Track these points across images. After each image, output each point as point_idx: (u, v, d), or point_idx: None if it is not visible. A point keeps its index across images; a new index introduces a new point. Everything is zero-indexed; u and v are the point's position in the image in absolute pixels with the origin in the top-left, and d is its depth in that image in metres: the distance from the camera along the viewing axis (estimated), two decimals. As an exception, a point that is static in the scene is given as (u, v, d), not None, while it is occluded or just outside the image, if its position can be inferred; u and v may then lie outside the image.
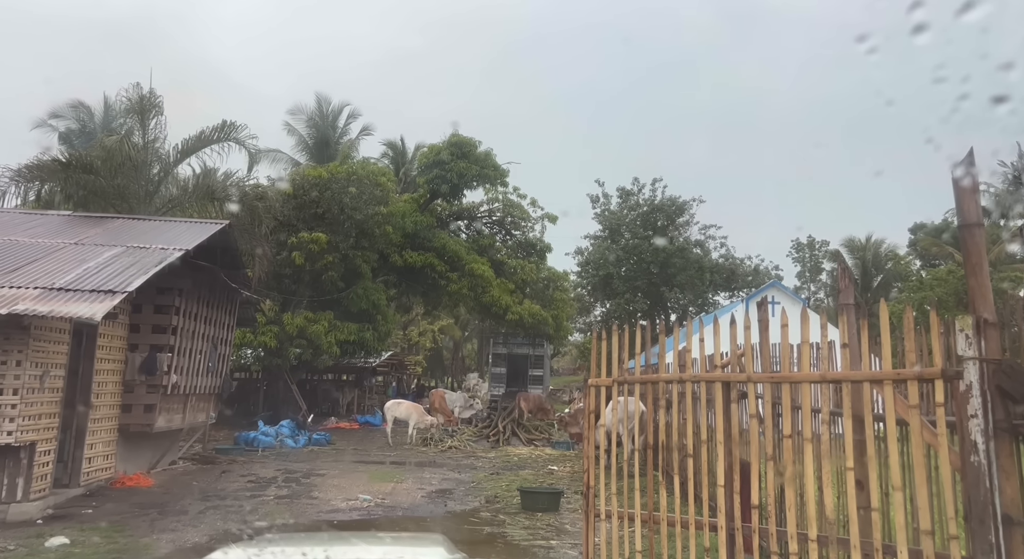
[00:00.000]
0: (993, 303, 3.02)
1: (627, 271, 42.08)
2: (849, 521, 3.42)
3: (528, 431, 20.02)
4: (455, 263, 24.01)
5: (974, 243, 3.09)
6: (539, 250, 27.39)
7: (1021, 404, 2.85)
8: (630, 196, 44.57)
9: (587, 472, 4.85)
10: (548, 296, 26.60)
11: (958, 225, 3.24)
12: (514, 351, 28.24)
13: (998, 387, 2.88)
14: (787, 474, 3.63)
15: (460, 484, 11.40)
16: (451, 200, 26.02)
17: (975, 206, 3.11)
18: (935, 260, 45.85)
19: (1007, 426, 2.88)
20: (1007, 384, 2.87)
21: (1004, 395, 2.88)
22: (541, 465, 14.10)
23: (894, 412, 3.28)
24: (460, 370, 51.79)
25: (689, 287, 41.53)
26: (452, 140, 24.78)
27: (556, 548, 7.25)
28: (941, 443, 3.08)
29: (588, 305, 46.93)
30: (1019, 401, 2.86)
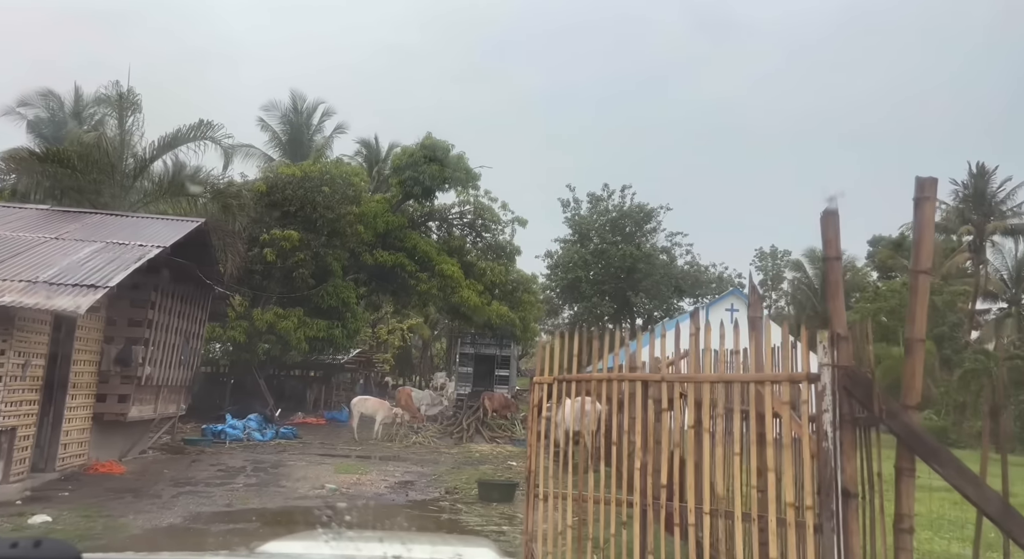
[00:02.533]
0: (846, 322, 3.75)
1: (595, 275, 42.93)
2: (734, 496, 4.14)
3: (491, 429, 20.67)
4: (425, 263, 24.55)
5: (833, 273, 3.83)
6: (508, 253, 28.01)
7: (861, 404, 3.58)
8: (600, 201, 45.50)
9: (530, 459, 5.51)
10: (516, 298, 27.22)
11: (823, 257, 3.96)
12: (481, 351, 28.80)
13: (844, 388, 3.61)
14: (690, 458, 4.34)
15: (422, 477, 12.01)
16: (423, 201, 26.53)
17: (836, 241, 3.85)
18: (891, 272, 47.53)
19: (850, 418, 3.61)
20: (851, 386, 3.60)
21: (849, 394, 3.61)
22: (501, 461, 14.77)
23: (771, 407, 4.00)
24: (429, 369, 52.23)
25: (654, 292, 42.48)
26: (425, 143, 25.31)
27: (507, 533, 7.90)
28: (804, 432, 3.81)
29: (557, 307, 47.77)
30: (859, 399, 3.59)
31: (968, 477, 3.42)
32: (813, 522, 3.65)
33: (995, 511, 3.39)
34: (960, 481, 3.41)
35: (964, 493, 3.43)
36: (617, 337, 5.92)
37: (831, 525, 3.53)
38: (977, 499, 3.41)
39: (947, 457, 3.48)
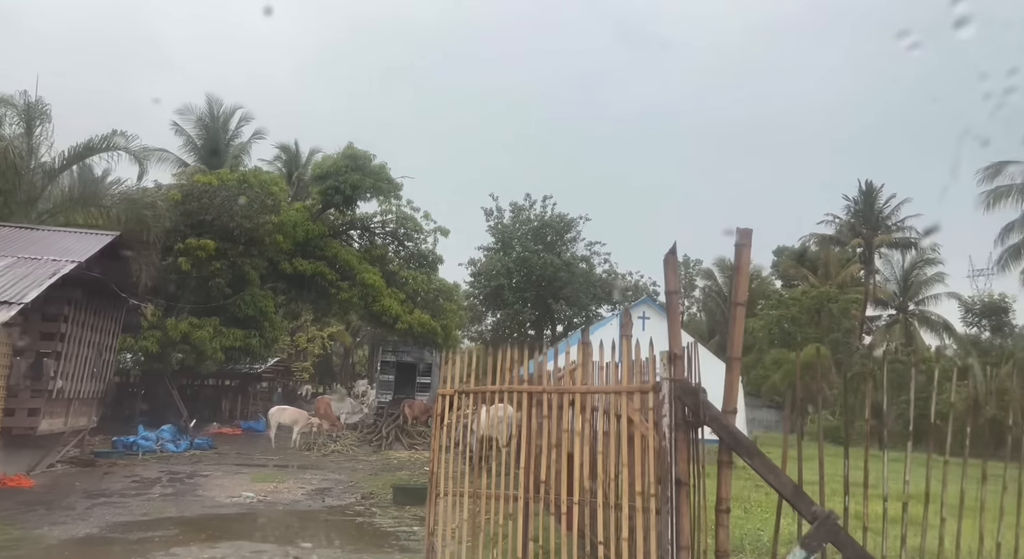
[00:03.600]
0: (682, 343, 4.62)
1: (518, 283, 43.87)
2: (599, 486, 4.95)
3: (411, 436, 21.14)
4: (346, 272, 24.77)
5: (672, 306, 4.71)
6: (431, 262, 28.50)
7: (691, 410, 4.45)
8: (522, 211, 46.59)
9: (433, 463, 6.19)
10: (438, 306, 27.72)
11: (665, 291, 4.84)
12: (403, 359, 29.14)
13: (678, 397, 4.47)
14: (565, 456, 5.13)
15: (339, 483, 12.44)
16: (344, 210, 26.72)
17: (675, 278, 4.72)
18: (793, 281, 50.63)
19: (682, 422, 4.47)
20: (683, 395, 4.47)
21: (682, 402, 4.48)
22: (419, 466, 15.31)
23: (626, 413, 4.84)
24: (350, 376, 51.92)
25: (574, 300, 43.75)
26: (347, 152, 25.56)
27: (417, 532, 8.51)
28: (650, 433, 4.65)
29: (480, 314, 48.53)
30: (689, 406, 4.46)
31: (769, 467, 4.33)
32: (655, 506, 4.49)
33: (788, 493, 4.31)
34: (763, 470, 4.31)
35: (766, 479, 4.34)
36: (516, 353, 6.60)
37: (667, 508, 4.37)
38: (775, 484, 4.32)
39: (754, 451, 4.38)
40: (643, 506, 4.59)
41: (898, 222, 44.74)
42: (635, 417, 4.79)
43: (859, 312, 44.61)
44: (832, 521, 4.20)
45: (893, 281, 48.07)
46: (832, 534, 4.19)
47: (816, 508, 4.26)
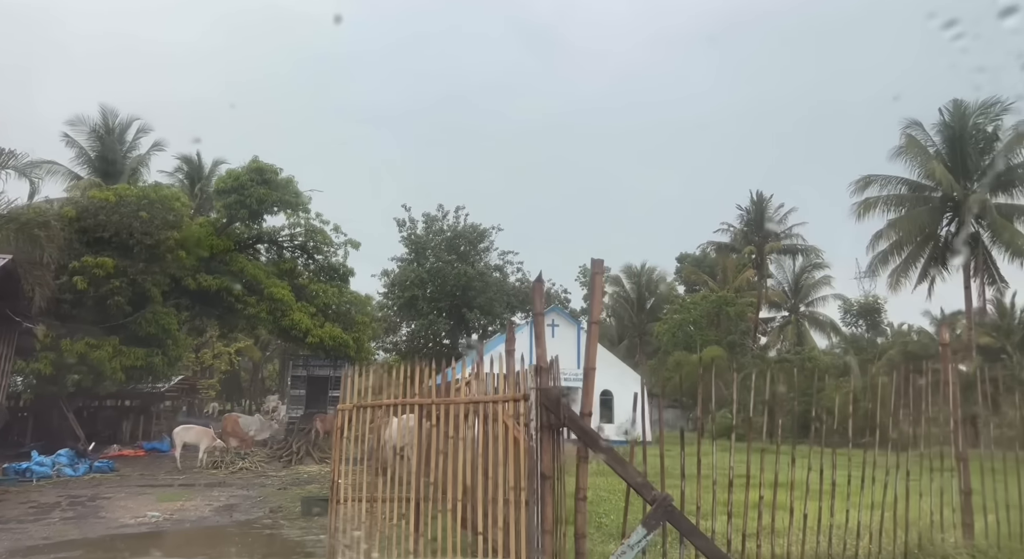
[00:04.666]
0: (547, 358, 5.39)
1: (432, 293, 44.24)
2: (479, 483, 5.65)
3: (323, 451, 21.18)
4: (254, 287, 24.51)
5: (539, 325, 5.48)
6: (342, 274, 28.51)
7: (553, 414, 5.22)
8: (435, 221, 47.07)
9: (334, 472, 6.72)
10: (350, 319, 27.79)
11: (533, 313, 5.61)
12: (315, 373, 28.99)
13: (543, 404, 5.24)
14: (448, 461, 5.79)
15: (247, 499, 12.61)
16: (251, 224, 26.42)
17: (541, 301, 5.50)
18: (695, 286, 53.34)
19: (547, 425, 5.24)
20: (547, 402, 5.24)
21: (546, 409, 5.24)
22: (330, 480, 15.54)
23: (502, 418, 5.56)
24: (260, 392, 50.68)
25: (488, 309, 44.46)
26: (252, 166, 25.32)
27: (323, 540, 8.93)
28: (521, 435, 5.39)
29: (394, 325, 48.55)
30: (553, 412, 5.23)
31: (618, 460, 5.15)
32: (525, 498, 5.22)
33: (634, 482, 5.15)
34: (613, 463, 5.12)
35: (616, 470, 5.16)
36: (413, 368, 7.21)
37: (534, 499, 5.11)
38: (623, 475, 5.14)
39: (605, 447, 5.19)
40: (515, 498, 5.32)
41: (786, 230, 48.20)
42: (509, 422, 5.52)
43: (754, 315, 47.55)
44: (668, 503, 5.05)
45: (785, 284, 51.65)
46: (668, 514, 5.04)
47: (656, 493, 5.11)
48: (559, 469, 5.41)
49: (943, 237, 32.18)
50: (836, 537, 6.00)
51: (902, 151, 31.80)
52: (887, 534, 6.07)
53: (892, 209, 32.01)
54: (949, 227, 31.97)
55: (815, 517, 6.02)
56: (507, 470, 5.41)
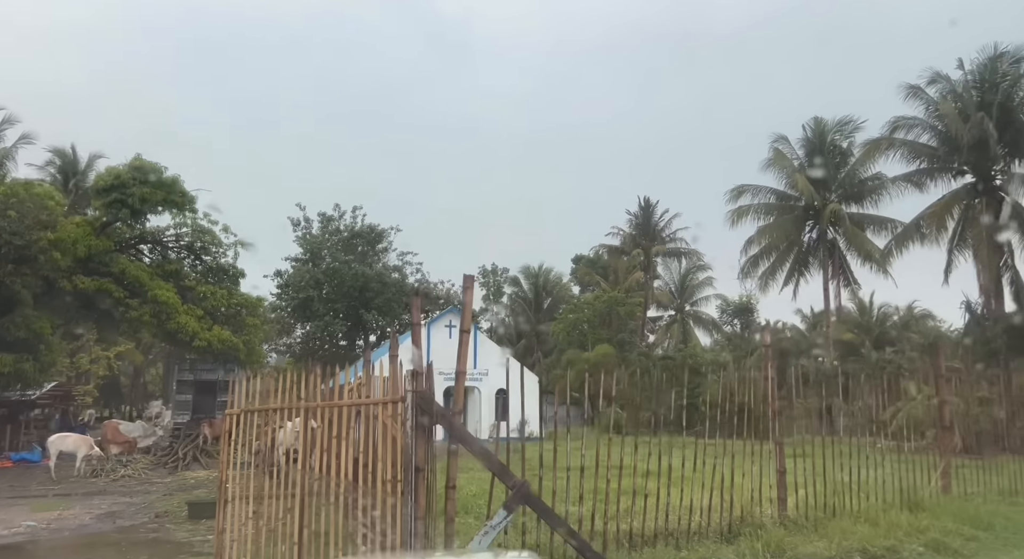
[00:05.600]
0: (422, 362, 6.04)
1: (328, 294, 43.70)
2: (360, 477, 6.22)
3: (211, 456, 20.80)
4: (136, 289, 23.58)
5: (416, 335, 6.11)
6: (231, 275, 27.82)
7: (426, 415, 5.88)
8: (331, 221, 46.50)
9: (222, 473, 7.07)
10: (241, 321, 27.20)
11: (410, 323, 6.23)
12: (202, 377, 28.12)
13: (418, 405, 5.88)
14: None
15: (131, 506, 12.46)
16: (133, 224, 25.37)
17: (418, 312, 6.14)
18: (589, 286, 55.43)
19: (421, 424, 5.89)
20: (422, 403, 5.89)
21: (420, 410, 5.89)
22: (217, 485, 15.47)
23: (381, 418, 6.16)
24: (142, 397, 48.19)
25: (387, 310, 44.37)
26: (135, 164, 24.35)
27: (211, 541, 9.16)
28: (399, 432, 6.00)
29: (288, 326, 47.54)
30: (426, 411, 5.89)
31: (483, 452, 5.89)
32: (401, 489, 5.84)
33: (496, 470, 5.90)
34: (478, 455, 5.85)
35: (481, 461, 5.89)
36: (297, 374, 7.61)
37: (409, 489, 5.74)
38: (487, 464, 5.88)
39: (472, 440, 5.91)
40: (392, 489, 5.93)
41: (671, 234, 51.11)
42: (388, 422, 6.12)
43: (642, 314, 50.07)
44: (526, 489, 5.83)
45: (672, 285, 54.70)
46: (525, 498, 5.82)
47: (515, 480, 5.87)
48: (432, 462, 6.06)
49: (806, 243, 35.36)
50: (674, 515, 7.00)
51: (771, 163, 34.72)
52: (715, 510, 7.13)
53: (762, 217, 34.87)
54: (811, 234, 35.19)
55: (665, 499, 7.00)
56: (385, 465, 6.00)
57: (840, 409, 17.47)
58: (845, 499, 8.15)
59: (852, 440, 9.86)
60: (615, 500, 6.71)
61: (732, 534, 6.99)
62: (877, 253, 31.18)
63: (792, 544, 6.56)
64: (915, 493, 8.71)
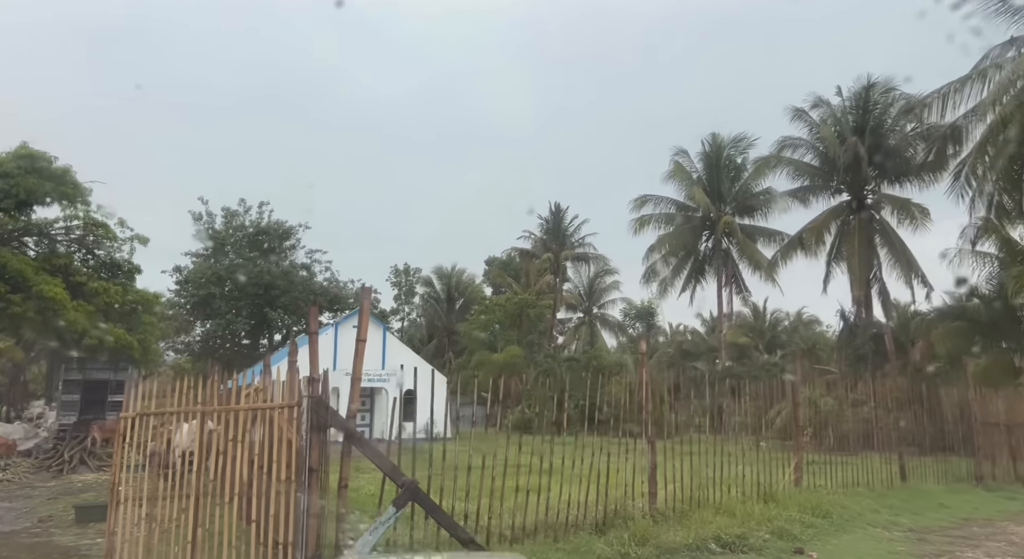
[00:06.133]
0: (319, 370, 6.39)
1: (231, 291, 42.38)
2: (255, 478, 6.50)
3: (100, 459, 20.00)
4: (19, 284, 22.35)
5: (313, 344, 6.45)
6: (127, 271, 26.82)
7: (322, 417, 6.24)
8: (235, 216, 45.10)
9: (114, 475, 7.14)
10: (136, 319, 26.23)
11: (308, 332, 6.57)
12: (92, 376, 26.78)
13: (314, 409, 6.23)
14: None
15: (11, 511, 11.98)
16: (17, 215, 24.01)
17: (315, 322, 6.48)
18: (501, 288, 56.21)
19: (317, 426, 6.24)
20: (317, 407, 6.24)
21: (316, 413, 6.24)
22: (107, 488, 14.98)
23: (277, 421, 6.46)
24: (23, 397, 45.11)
25: (294, 308, 43.46)
26: (20, 152, 23.10)
27: (100, 544, 9.07)
28: (295, 434, 6.33)
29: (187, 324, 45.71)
30: (321, 415, 6.25)
31: (375, 453, 6.31)
32: (295, 489, 6.17)
33: (387, 470, 6.33)
34: (371, 455, 6.27)
35: (372, 461, 6.31)
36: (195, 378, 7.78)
37: (303, 489, 6.08)
38: (378, 464, 6.30)
39: (364, 442, 6.32)
40: (286, 489, 6.25)
41: (580, 239, 52.68)
42: (284, 425, 6.43)
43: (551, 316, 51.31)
44: (414, 487, 6.29)
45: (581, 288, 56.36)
46: (414, 495, 6.28)
47: (405, 479, 6.33)
48: (326, 463, 6.42)
49: (702, 252, 37.45)
50: (553, 510, 7.63)
51: (672, 175, 36.57)
52: (591, 504, 7.83)
53: (662, 226, 36.68)
54: (707, 243, 37.29)
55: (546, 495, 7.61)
56: (280, 466, 6.31)
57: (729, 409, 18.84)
58: (709, 492, 9.06)
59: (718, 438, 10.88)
60: (500, 497, 7.27)
61: (606, 526, 7.69)
62: (765, 262, 33.45)
63: (656, 534, 7.31)
64: (771, 486, 9.76)
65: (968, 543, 8.03)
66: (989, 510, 10.43)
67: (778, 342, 50.51)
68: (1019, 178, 21.36)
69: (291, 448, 6.33)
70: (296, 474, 6.17)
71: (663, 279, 37.02)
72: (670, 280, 37.13)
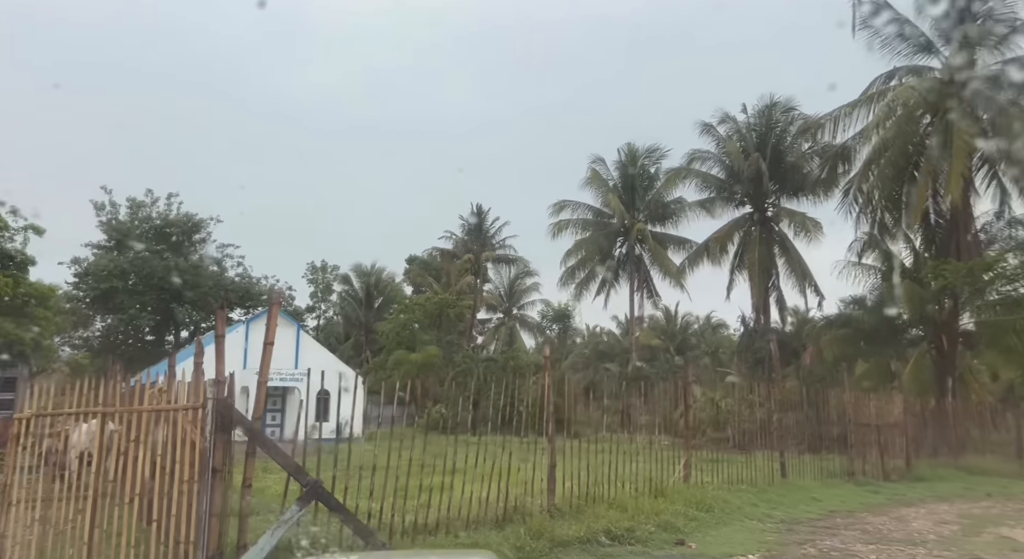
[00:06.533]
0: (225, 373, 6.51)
1: (135, 285, 40.63)
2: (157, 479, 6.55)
3: (-15, 461, 18.91)
4: None
5: (220, 348, 6.57)
6: (19, 263, 25.39)
7: (227, 418, 6.38)
8: (142, 208, 43.28)
9: (8, 476, 7.00)
10: (29, 313, 24.87)
11: (215, 336, 6.68)
12: (-25, 373, 25.25)
13: (218, 411, 6.36)
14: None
15: None
16: None
17: (223, 325, 6.60)
18: (421, 287, 56.09)
19: (222, 428, 6.37)
20: (222, 409, 6.37)
21: (220, 415, 6.37)
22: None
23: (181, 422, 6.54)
24: None
25: (203, 304, 42.10)
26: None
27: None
28: (199, 435, 6.43)
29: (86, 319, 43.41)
30: (226, 417, 6.38)
31: (279, 453, 6.50)
32: (198, 489, 6.28)
33: (291, 469, 6.53)
34: (274, 455, 6.45)
35: (276, 460, 6.49)
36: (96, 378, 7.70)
37: (206, 489, 6.20)
38: (282, 464, 6.49)
39: (269, 442, 6.50)
40: (188, 490, 6.35)
41: (501, 241, 53.33)
42: (188, 426, 6.52)
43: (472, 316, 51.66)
44: (318, 486, 6.51)
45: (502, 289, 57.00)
46: (317, 494, 6.51)
47: (309, 478, 6.54)
48: (230, 463, 6.55)
49: (616, 257, 38.73)
50: (455, 507, 7.99)
51: (589, 182, 37.69)
52: (492, 501, 8.24)
53: (579, 231, 37.75)
54: (621, 249, 38.61)
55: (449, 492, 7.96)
56: (183, 467, 6.40)
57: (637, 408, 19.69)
58: (605, 489, 9.64)
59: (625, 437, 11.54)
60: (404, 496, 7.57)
61: (505, 521, 8.12)
62: (675, 269, 34.99)
63: (551, 528, 7.78)
64: (662, 483, 10.46)
65: (828, 532, 8.93)
66: (854, 503, 11.53)
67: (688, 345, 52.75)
68: (899, 198, 23.37)
69: (195, 449, 6.43)
70: (199, 474, 6.28)
71: (579, 282, 38.07)
72: (585, 283, 38.23)
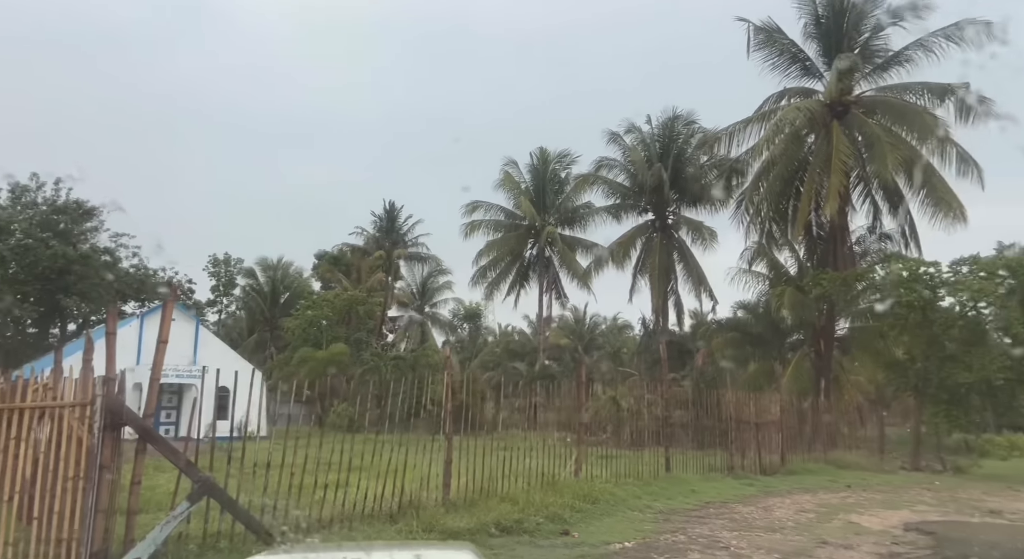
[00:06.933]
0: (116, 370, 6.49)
1: (15, 274, 38.09)
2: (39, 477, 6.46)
3: None
4: None
5: (111, 346, 6.55)
6: None
7: (116, 416, 6.37)
8: (26, 192, 40.60)
9: None
10: None
11: (105, 333, 6.65)
12: None
13: (108, 408, 6.34)
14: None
15: None
16: None
17: (114, 322, 6.58)
18: (331, 283, 55.06)
19: (111, 425, 6.35)
20: (112, 406, 6.36)
21: (111, 412, 6.36)
22: None
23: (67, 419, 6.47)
24: None
25: (93, 296, 39.98)
26: None
27: None
28: (86, 433, 6.39)
29: (-42, 309, 40.21)
30: (116, 415, 6.37)
31: (170, 450, 6.55)
32: (83, 486, 6.24)
33: (182, 466, 6.60)
34: (165, 452, 6.50)
35: (167, 458, 6.54)
36: None
37: (92, 486, 6.18)
38: (173, 460, 6.54)
39: (160, 440, 6.54)
40: (73, 487, 6.30)
41: (413, 238, 53.18)
42: (74, 423, 6.46)
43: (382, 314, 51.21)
44: (210, 482, 6.60)
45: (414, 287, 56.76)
46: (209, 489, 6.59)
47: (201, 474, 6.62)
48: (119, 461, 6.53)
49: (527, 259, 39.55)
50: (350, 502, 8.22)
51: (502, 183, 38.32)
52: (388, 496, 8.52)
53: (492, 232, 38.32)
54: (531, 251, 39.46)
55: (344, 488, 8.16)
56: (68, 464, 6.34)
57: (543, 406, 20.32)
58: (499, 483, 10.09)
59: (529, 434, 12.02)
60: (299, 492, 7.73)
61: (399, 516, 8.41)
62: (582, 271, 36.12)
63: (443, 520, 8.14)
64: (554, 477, 11.02)
65: (700, 520, 9.73)
66: (728, 494, 12.50)
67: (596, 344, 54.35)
68: (785, 210, 25.18)
69: (81, 446, 6.38)
70: (86, 472, 6.25)
71: (491, 282, 38.63)
72: (497, 283, 38.82)
